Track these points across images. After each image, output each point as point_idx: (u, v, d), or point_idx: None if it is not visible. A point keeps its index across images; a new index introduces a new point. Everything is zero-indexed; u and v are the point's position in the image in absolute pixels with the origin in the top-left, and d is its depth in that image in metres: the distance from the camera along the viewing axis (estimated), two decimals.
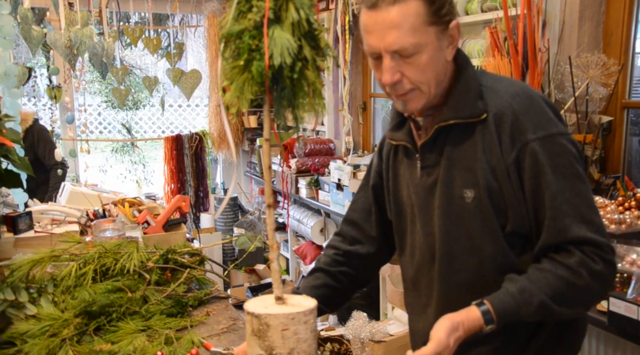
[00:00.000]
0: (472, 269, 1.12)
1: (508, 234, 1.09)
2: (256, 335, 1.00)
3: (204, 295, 1.60)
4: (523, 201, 1.07)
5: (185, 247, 1.76)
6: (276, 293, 1.06)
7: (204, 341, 1.31)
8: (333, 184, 3.46)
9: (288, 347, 0.99)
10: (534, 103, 1.08)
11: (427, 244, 1.18)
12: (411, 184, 1.21)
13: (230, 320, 1.50)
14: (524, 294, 1.02)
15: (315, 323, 1.05)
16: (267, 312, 1.00)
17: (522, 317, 1.03)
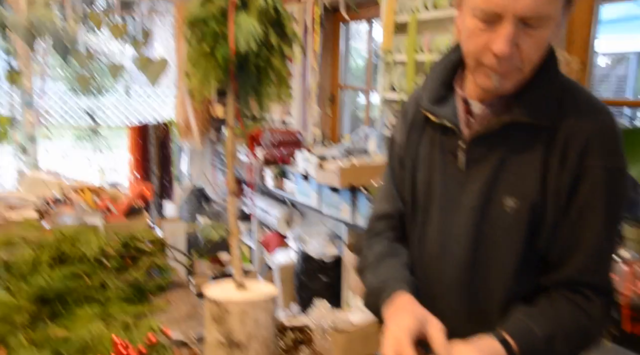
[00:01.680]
0: (488, 284, 1.02)
1: (533, 257, 1.00)
2: (215, 320, 0.99)
3: (164, 282, 1.57)
4: (558, 225, 0.98)
5: (146, 234, 1.73)
6: (237, 279, 1.06)
7: (163, 327, 1.29)
8: (299, 175, 3.46)
9: (247, 333, 0.98)
10: (612, 127, 0.97)
11: (441, 244, 1.06)
12: (438, 170, 1.07)
13: (190, 307, 1.49)
14: (550, 343, 0.94)
15: (275, 310, 1.05)
16: (227, 298, 1.00)
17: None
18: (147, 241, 1.75)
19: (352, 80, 4.24)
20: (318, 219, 3.63)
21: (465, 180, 1.03)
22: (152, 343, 1.18)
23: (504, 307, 1.01)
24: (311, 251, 3.40)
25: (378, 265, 1.09)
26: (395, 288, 1.01)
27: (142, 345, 1.17)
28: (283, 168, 3.78)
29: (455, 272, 1.05)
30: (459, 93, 1.06)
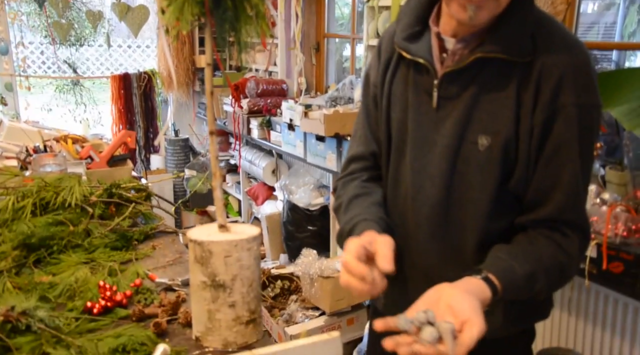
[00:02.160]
0: (462, 223, 1.03)
1: (504, 194, 1.00)
2: (199, 262, 0.99)
3: (149, 230, 1.57)
4: (532, 164, 0.97)
5: (130, 183, 1.71)
6: (219, 221, 1.05)
7: (148, 273, 1.30)
8: (285, 124, 3.42)
9: (231, 274, 0.98)
10: (587, 63, 0.95)
11: (415, 183, 1.06)
12: (412, 109, 1.06)
13: (176, 254, 1.49)
14: (530, 280, 0.94)
15: (259, 251, 1.05)
16: (210, 239, 0.99)
17: (513, 297, 0.96)
18: (131, 190, 1.74)
19: (337, 30, 4.14)
20: (304, 168, 3.63)
21: (438, 119, 1.03)
22: (138, 287, 1.19)
23: (478, 247, 1.02)
24: (298, 201, 3.41)
25: (349, 206, 1.10)
26: (363, 227, 1.01)
27: (128, 289, 1.18)
28: (268, 118, 3.74)
29: (429, 211, 1.05)
30: (433, 29, 1.04)
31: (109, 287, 1.13)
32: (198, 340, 1.00)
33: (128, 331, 0.99)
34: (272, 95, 3.88)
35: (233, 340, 0.99)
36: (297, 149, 3.32)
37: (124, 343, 0.92)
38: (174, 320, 1.09)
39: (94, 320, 1.04)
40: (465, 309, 0.80)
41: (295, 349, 0.76)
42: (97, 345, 0.90)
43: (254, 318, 1.01)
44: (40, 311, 0.93)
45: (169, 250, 1.53)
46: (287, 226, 3.51)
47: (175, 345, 1.00)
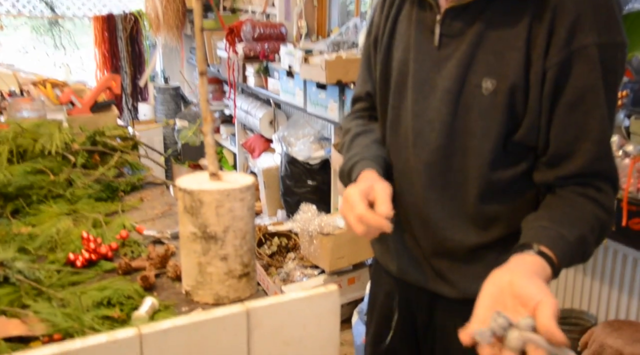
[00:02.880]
0: (463, 172, 1.02)
1: (511, 143, 0.98)
2: (189, 212, 0.98)
3: (137, 181, 1.56)
4: (546, 112, 0.95)
5: (116, 130, 1.69)
6: (210, 169, 1.03)
7: (136, 225, 1.29)
8: (283, 71, 3.37)
9: (223, 225, 0.98)
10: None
11: (415, 128, 1.05)
12: (414, 47, 1.05)
13: (165, 206, 1.48)
14: (582, 245, 0.92)
15: (253, 201, 1.04)
16: (200, 187, 0.98)
17: (567, 266, 0.93)
18: (117, 138, 1.72)
19: None
20: (304, 119, 3.60)
21: (439, 59, 1.01)
22: (124, 239, 1.19)
23: (481, 197, 1.02)
24: (297, 154, 3.39)
25: (350, 146, 1.15)
26: (361, 167, 1.06)
27: (114, 241, 1.18)
28: (266, 64, 3.68)
29: (429, 158, 1.04)
30: None
31: (93, 239, 1.13)
32: (188, 294, 1.01)
33: (114, 284, 0.99)
34: (269, 40, 3.80)
35: (225, 295, 0.99)
36: (297, 97, 3.28)
37: (109, 296, 0.92)
38: (162, 274, 1.10)
39: (76, 273, 1.04)
40: (533, 292, 0.75)
41: (290, 303, 0.75)
42: (81, 298, 0.91)
43: (247, 272, 1.01)
44: (18, 262, 0.93)
45: (157, 202, 1.52)
46: (285, 180, 3.51)
47: (164, 299, 1.00)
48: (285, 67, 3.34)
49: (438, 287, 1.11)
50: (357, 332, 2.33)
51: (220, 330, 0.73)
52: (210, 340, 0.72)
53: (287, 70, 3.32)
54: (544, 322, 0.71)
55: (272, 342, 0.76)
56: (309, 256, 2.88)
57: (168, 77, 4.88)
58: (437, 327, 1.16)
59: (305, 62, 3.05)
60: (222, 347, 0.73)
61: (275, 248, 3.21)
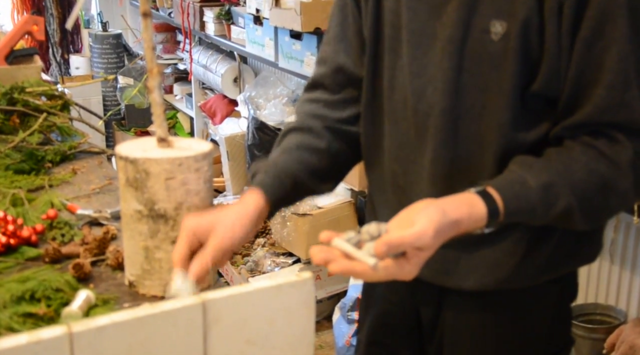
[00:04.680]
0: (476, 137, 1.02)
1: (530, 96, 0.98)
2: (132, 186, 0.97)
3: (68, 149, 1.55)
4: (565, 52, 0.95)
5: (40, 87, 1.66)
6: (158, 133, 1.02)
7: (67, 203, 1.28)
8: (250, 17, 3.33)
9: (174, 201, 0.96)
10: None
11: (415, 91, 1.05)
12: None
13: (104, 180, 1.48)
14: (548, 192, 0.93)
15: (211, 172, 1.03)
16: (146, 156, 0.96)
17: (531, 220, 0.96)
18: (41, 96, 1.69)
19: None
20: (275, 76, 3.57)
21: (438, 3, 1.01)
22: (52, 220, 1.17)
23: (499, 166, 1.01)
24: (267, 118, 3.38)
25: (280, 142, 1.15)
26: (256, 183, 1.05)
27: (39, 223, 1.16)
28: (228, 8, 3.63)
29: (434, 124, 1.04)
30: None
31: (12, 219, 1.11)
32: (132, 285, 1.00)
33: (39, 275, 0.98)
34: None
35: None
36: (266, 49, 3.26)
37: (33, 289, 0.91)
38: (100, 261, 1.09)
39: None
40: (421, 216, 0.84)
41: (254, 294, 0.75)
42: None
43: None
44: None
45: (94, 175, 1.51)
46: (253, 150, 3.50)
47: (102, 292, 1.00)
48: (252, 11, 3.30)
49: (446, 279, 1.12)
50: (339, 332, 2.36)
51: (170, 328, 0.72)
52: (158, 340, 0.71)
53: (255, 16, 3.29)
54: (385, 238, 0.82)
55: (233, 340, 0.76)
56: (282, 241, 2.89)
57: (107, 22, 4.78)
58: (446, 325, 1.18)
59: (276, 5, 3.02)
60: (173, 348, 0.72)
61: None
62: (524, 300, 1.13)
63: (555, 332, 1.17)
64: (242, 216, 0.98)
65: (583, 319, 1.98)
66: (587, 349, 1.89)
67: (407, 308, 1.22)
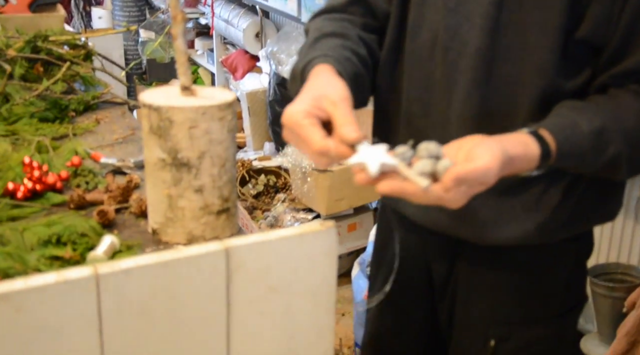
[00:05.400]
0: (512, 80, 1.00)
1: (574, 42, 0.96)
2: (156, 134, 0.97)
3: (92, 99, 1.55)
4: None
5: (63, 36, 1.66)
6: (182, 81, 1.01)
7: (91, 151, 1.28)
8: None
9: (198, 150, 0.96)
10: None
11: (448, 27, 1.02)
12: None
13: (128, 130, 1.47)
14: (600, 138, 0.92)
15: (235, 122, 1.02)
16: (170, 104, 0.96)
17: (579, 166, 0.95)
18: (64, 45, 1.69)
19: None
20: (297, 31, 3.54)
21: None
22: (77, 167, 1.18)
23: (531, 115, 0.99)
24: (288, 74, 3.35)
25: (313, 46, 1.05)
26: (316, 64, 0.97)
27: (63, 170, 1.17)
28: None
29: (467, 64, 1.01)
30: None
31: (38, 165, 1.12)
32: (155, 233, 1.01)
33: (64, 220, 0.99)
34: None
35: (200, 234, 0.99)
36: (289, 3, 3.22)
37: (59, 233, 0.92)
38: (124, 209, 1.10)
39: (18, 207, 1.04)
40: (482, 153, 0.80)
41: (278, 242, 0.75)
42: (23, 234, 0.90)
43: (226, 207, 1.01)
44: None
45: (117, 125, 1.51)
46: (275, 106, 3.48)
47: (126, 239, 1.00)
48: None
49: (462, 231, 1.11)
50: (358, 287, 2.38)
51: (194, 272, 0.73)
52: (181, 284, 0.72)
53: None
54: (449, 172, 0.77)
55: (255, 287, 0.76)
56: (302, 197, 2.90)
57: None
58: (459, 282, 1.18)
59: None
60: (196, 292, 0.73)
61: (261, 187, 3.22)
62: (541, 258, 1.13)
63: (571, 289, 1.17)
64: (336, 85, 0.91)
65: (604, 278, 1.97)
66: (607, 308, 1.88)
67: (419, 264, 1.22)
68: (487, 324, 1.16)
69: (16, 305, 0.64)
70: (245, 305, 0.77)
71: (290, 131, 0.90)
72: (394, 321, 1.29)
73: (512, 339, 1.15)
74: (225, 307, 0.76)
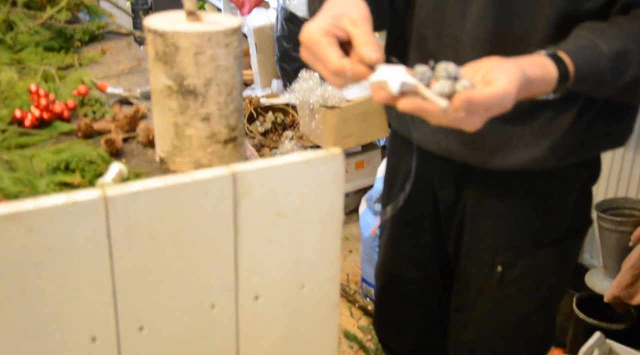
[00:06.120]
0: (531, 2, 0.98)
1: None
2: (161, 60, 0.96)
3: (97, 29, 1.54)
4: None
5: None
6: (187, 6, 1.00)
7: (97, 81, 1.28)
8: None
9: (204, 77, 0.96)
10: None
11: None
12: None
13: (133, 60, 1.47)
14: (620, 60, 0.90)
15: (241, 48, 1.01)
16: (175, 29, 0.95)
17: (597, 89, 0.93)
18: None
19: None
20: None
21: None
22: (84, 96, 1.18)
23: (549, 35, 0.97)
24: (297, 8, 3.30)
25: None
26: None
27: (70, 99, 1.17)
28: None
29: None
30: None
31: (45, 94, 1.11)
32: (163, 162, 1.01)
33: (72, 148, 0.99)
34: None
35: (207, 163, 1.00)
36: None
37: (67, 160, 0.93)
38: (131, 138, 1.10)
39: (26, 134, 1.04)
40: (498, 73, 0.80)
41: (284, 167, 0.76)
42: (32, 161, 0.91)
43: (234, 136, 1.01)
44: None
45: (123, 55, 1.50)
46: (282, 42, 3.44)
47: (134, 167, 1.01)
48: None
49: (471, 157, 1.10)
50: (365, 223, 2.40)
51: (201, 197, 0.74)
52: (189, 208, 0.73)
53: None
54: (466, 93, 0.77)
55: (262, 212, 0.77)
56: (310, 134, 2.89)
57: None
58: (467, 209, 1.18)
59: None
60: (203, 216, 0.74)
61: (269, 125, 3.21)
62: (549, 183, 1.13)
63: (576, 214, 1.18)
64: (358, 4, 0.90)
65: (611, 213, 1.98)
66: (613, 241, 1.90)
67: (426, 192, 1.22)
68: (494, 250, 1.17)
69: (27, 226, 0.65)
70: (253, 231, 0.78)
71: (307, 50, 0.89)
72: (403, 247, 1.31)
73: (518, 264, 1.17)
74: (232, 232, 0.77)
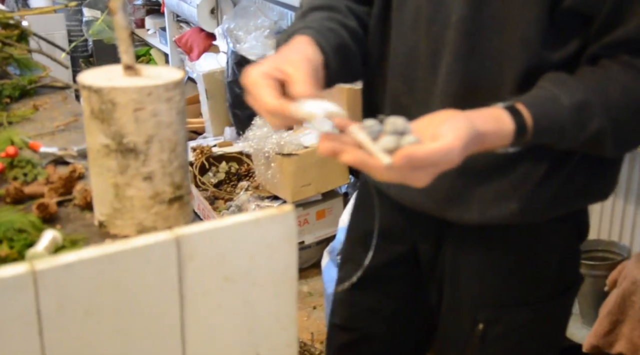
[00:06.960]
0: (495, 51, 1.01)
1: (561, 12, 0.97)
2: (97, 118, 0.95)
3: (28, 83, 1.52)
4: None
5: None
6: (124, 60, 1.00)
7: (29, 140, 1.26)
8: None
9: (145, 134, 0.95)
10: None
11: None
12: None
13: (70, 116, 1.45)
14: (582, 112, 0.92)
15: (183, 102, 1.01)
16: (111, 85, 0.95)
17: (559, 142, 0.95)
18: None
19: None
20: (255, 5, 3.52)
21: None
22: (13, 158, 1.16)
23: (517, 88, 1.00)
24: (248, 52, 3.34)
25: (302, 19, 1.10)
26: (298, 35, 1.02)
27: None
28: None
29: (451, 35, 1.02)
30: None
31: None
32: (102, 225, 1.00)
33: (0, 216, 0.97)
34: None
35: (151, 225, 0.98)
36: None
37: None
38: (67, 201, 1.08)
39: None
40: (446, 128, 0.83)
41: (232, 228, 0.75)
42: None
43: (179, 195, 1.00)
44: None
45: (58, 111, 1.49)
46: (234, 88, 3.46)
47: (70, 233, 0.99)
48: None
49: (448, 213, 1.12)
50: (329, 277, 2.38)
51: (143, 264, 0.72)
52: (129, 277, 0.72)
53: None
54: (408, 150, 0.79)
55: (210, 277, 0.76)
56: (266, 184, 2.89)
57: None
58: (447, 263, 1.19)
59: None
60: (145, 286, 0.72)
61: (222, 175, 3.21)
62: (531, 239, 1.14)
63: (563, 272, 1.18)
64: (303, 50, 0.96)
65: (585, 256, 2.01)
66: (588, 286, 1.91)
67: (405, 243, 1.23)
68: (476, 307, 1.17)
69: None
70: (200, 298, 0.77)
71: (249, 93, 0.92)
72: (373, 300, 1.29)
73: (501, 322, 1.16)
74: (178, 300, 0.76)
